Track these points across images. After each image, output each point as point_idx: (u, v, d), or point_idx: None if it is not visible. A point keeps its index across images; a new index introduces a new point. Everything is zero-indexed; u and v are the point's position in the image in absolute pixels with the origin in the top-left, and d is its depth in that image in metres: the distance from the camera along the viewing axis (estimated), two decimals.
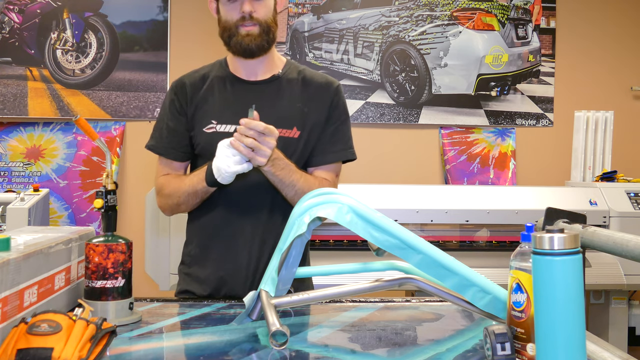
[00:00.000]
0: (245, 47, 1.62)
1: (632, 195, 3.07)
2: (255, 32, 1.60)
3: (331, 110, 1.69)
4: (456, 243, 3.06)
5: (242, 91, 1.67)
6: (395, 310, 1.45)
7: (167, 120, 1.69)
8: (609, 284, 2.94)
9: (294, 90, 1.68)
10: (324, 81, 1.71)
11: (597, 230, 1.30)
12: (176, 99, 1.68)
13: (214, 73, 1.71)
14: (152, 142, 1.72)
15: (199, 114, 1.66)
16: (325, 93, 1.69)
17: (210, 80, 1.69)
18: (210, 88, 1.68)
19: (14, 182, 3.84)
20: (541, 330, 0.88)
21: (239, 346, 1.14)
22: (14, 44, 3.86)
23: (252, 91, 1.67)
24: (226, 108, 1.65)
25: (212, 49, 4.26)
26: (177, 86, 1.70)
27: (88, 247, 1.26)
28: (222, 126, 1.63)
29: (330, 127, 1.69)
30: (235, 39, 1.62)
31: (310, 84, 1.70)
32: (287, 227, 1.33)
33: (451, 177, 4.02)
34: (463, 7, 4.06)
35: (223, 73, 1.70)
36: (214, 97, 1.67)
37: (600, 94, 4.16)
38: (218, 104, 1.66)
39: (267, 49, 1.65)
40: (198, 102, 1.66)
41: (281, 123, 1.60)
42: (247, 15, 1.59)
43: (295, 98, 1.67)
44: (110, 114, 3.90)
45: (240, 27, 1.61)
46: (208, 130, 1.64)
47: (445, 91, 4.04)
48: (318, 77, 1.73)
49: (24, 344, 0.96)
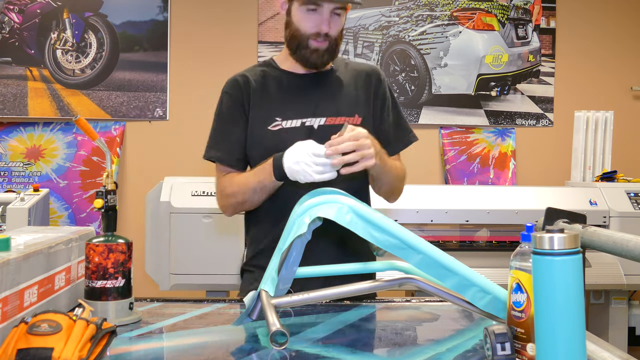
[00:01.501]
0: (312, 62, 1.62)
1: (632, 195, 3.07)
2: (323, 48, 1.60)
3: (384, 98, 1.72)
4: (456, 243, 3.06)
5: (302, 85, 1.67)
6: (395, 310, 1.45)
7: (231, 127, 1.65)
8: (609, 284, 2.94)
9: (347, 80, 1.70)
10: (369, 69, 1.74)
11: (597, 230, 1.29)
12: (236, 99, 1.66)
13: (266, 73, 1.70)
14: (218, 154, 1.67)
15: (260, 114, 1.64)
16: (376, 80, 1.72)
17: (264, 80, 1.68)
18: (266, 87, 1.67)
19: (14, 182, 3.84)
20: (541, 330, 0.88)
21: (239, 346, 1.14)
22: (14, 44, 3.86)
23: (311, 84, 1.67)
24: (289, 104, 1.64)
25: (213, 48, 4.28)
26: (233, 86, 1.68)
27: (88, 247, 1.26)
28: (287, 122, 1.62)
29: (390, 116, 1.72)
30: (304, 51, 1.61)
31: (359, 72, 1.72)
32: (287, 227, 1.33)
33: (451, 177, 4.02)
34: (463, 7, 4.06)
35: (277, 73, 1.70)
36: (273, 95, 1.66)
37: (600, 94, 4.15)
38: (279, 101, 1.65)
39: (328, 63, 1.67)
40: (256, 101, 1.65)
41: (342, 111, 1.63)
42: (323, 33, 1.58)
43: (350, 87, 1.69)
44: (110, 114, 3.90)
45: (311, 41, 1.60)
46: (274, 128, 1.62)
47: (445, 91, 4.04)
48: (363, 66, 1.77)
49: (24, 344, 0.96)
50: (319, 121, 1.63)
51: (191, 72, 3.93)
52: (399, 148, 1.75)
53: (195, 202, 2.81)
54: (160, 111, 3.92)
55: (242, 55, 3.91)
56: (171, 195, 2.81)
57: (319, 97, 1.65)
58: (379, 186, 1.65)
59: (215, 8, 3.96)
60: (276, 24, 3.97)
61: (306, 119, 1.63)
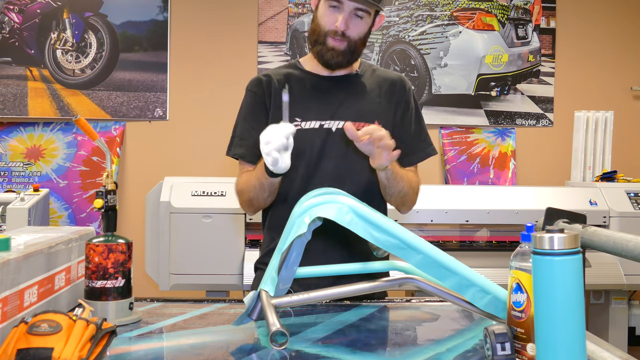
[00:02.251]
0: (325, 60, 1.62)
1: (632, 195, 3.07)
2: (340, 48, 1.59)
3: (408, 107, 1.71)
4: (456, 243, 3.06)
5: (324, 87, 1.67)
6: (395, 310, 1.45)
7: (254, 124, 1.64)
8: (609, 284, 2.94)
9: (371, 86, 1.70)
10: (396, 78, 1.74)
11: (597, 230, 1.29)
12: (258, 97, 1.66)
13: (290, 73, 1.70)
14: (241, 150, 1.66)
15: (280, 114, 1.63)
16: (400, 89, 1.71)
17: (287, 80, 1.67)
18: (289, 86, 1.66)
19: (14, 182, 3.84)
20: (541, 330, 0.88)
21: (239, 346, 1.14)
22: (14, 44, 3.86)
23: (333, 87, 1.67)
24: (309, 105, 1.64)
25: (213, 48, 4.28)
26: (256, 85, 1.68)
27: (88, 247, 1.26)
28: (306, 123, 1.62)
29: (412, 127, 1.71)
30: (320, 47, 1.61)
31: (385, 80, 1.72)
32: (287, 227, 1.33)
33: (451, 177, 4.02)
34: (463, 7, 4.06)
35: (300, 73, 1.70)
36: (295, 95, 1.64)
37: (600, 94, 4.16)
38: (300, 101, 1.64)
39: (347, 66, 1.66)
40: (278, 101, 1.64)
41: (363, 117, 1.62)
42: (340, 32, 1.58)
43: (374, 93, 1.68)
44: (110, 114, 3.90)
45: (329, 38, 1.59)
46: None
47: (445, 91, 4.04)
48: (390, 74, 1.76)
49: (24, 344, 0.96)
50: (337, 124, 1.63)
51: (191, 72, 3.93)
52: (417, 159, 1.73)
53: (195, 202, 2.81)
54: (160, 111, 3.92)
55: (242, 55, 3.91)
56: (171, 195, 2.81)
57: (340, 101, 1.65)
58: (390, 194, 1.63)
59: (215, 8, 3.96)
60: (276, 24, 3.97)
61: (325, 121, 1.63)
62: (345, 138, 1.48)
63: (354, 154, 1.56)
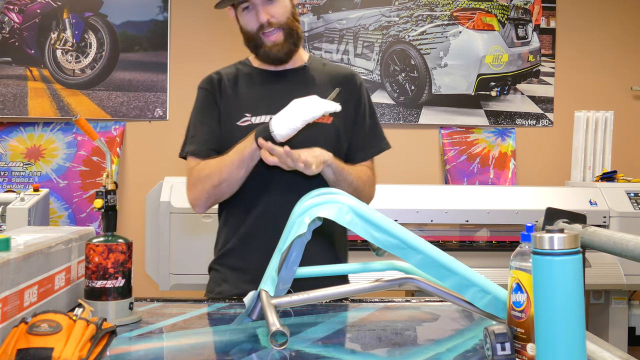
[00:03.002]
0: (274, 57, 1.63)
1: (632, 195, 3.07)
2: (280, 39, 1.60)
3: (361, 102, 1.71)
4: (456, 243, 3.06)
5: (273, 81, 1.68)
6: (395, 310, 1.45)
7: (206, 119, 1.66)
8: (609, 284, 2.94)
9: (321, 79, 1.70)
10: (348, 73, 1.74)
11: (597, 230, 1.29)
12: (210, 94, 1.67)
13: (239, 70, 1.71)
14: (193, 148, 1.65)
15: (231, 109, 1.64)
16: (352, 84, 1.71)
17: (237, 77, 1.69)
18: (237, 84, 1.68)
19: (14, 182, 3.84)
20: (541, 330, 0.88)
21: (239, 346, 1.14)
22: (14, 44, 3.86)
23: (283, 80, 1.68)
24: (259, 100, 1.64)
25: (212, 49, 4.28)
26: (208, 82, 1.70)
27: (88, 247, 1.26)
28: (257, 118, 1.62)
29: (366, 121, 1.72)
30: (262, 50, 1.62)
31: (336, 75, 1.72)
32: (287, 227, 1.33)
33: (451, 177, 4.02)
34: (463, 7, 4.06)
35: (249, 70, 1.71)
36: (244, 91, 1.66)
37: (600, 94, 4.16)
38: (250, 97, 1.65)
39: (296, 51, 1.66)
40: (229, 96, 1.65)
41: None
42: (266, 23, 1.58)
43: (324, 86, 1.67)
44: (110, 114, 3.90)
45: (263, 36, 1.60)
46: (243, 123, 1.62)
47: (445, 91, 4.04)
48: (342, 68, 1.77)
49: (24, 344, 0.96)
50: None
51: (191, 72, 3.92)
52: (371, 154, 1.74)
53: None
54: (160, 111, 3.92)
55: (242, 55, 3.89)
56: (171, 195, 2.81)
57: (290, 94, 1.62)
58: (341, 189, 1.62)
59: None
60: None
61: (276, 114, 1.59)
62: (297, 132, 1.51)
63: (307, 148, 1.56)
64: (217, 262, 1.70)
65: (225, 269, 1.67)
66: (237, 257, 1.65)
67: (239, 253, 1.64)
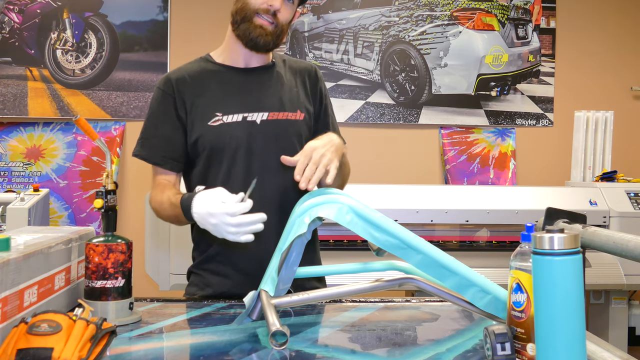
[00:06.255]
0: (252, 39, 1.57)
1: (632, 195, 3.07)
2: (269, 29, 1.57)
3: (320, 94, 1.72)
4: (456, 243, 3.06)
5: (242, 79, 1.63)
6: (395, 310, 1.45)
7: (160, 124, 1.60)
8: (609, 284, 2.94)
9: (287, 76, 1.69)
10: (309, 67, 1.74)
11: (597, 230, 1.29)
12: (170, 97, 1.59)
13: (203, 67, 1.65)
14: (145, 153, 1.62)
15: (199, 110, 1.58)
16: (311, 77, 1.72)
17: (202, 75, 1.63)
18: (204, 82, 1.61)
19: (14, 182, 3.84)
20: (541, 330, 0.88)
21: (239, 346, 1.14)
22: (14, 44, 3.86)
23: (252, 78, 1.64)
24: (229, 98, 1.60)
25: (212, 48, 4.26)
26: (166, 84, 1.61)
27: (88, 247, 1.26)
28: (228, 117, 1.58)
29: (328, 117, 1.73)
30: (247, 25, 1.56)
31: (297, 69, 1.72)
32: (287, 227, 1.33)
33: (451, 177, 4.02)
34: (463, 7, 4.06)
35: (213, 67, 1.65)
36: (212, 89, 1.60)
37: (600, 94, 4.16)
38: (219, 95, 1.60)
39: (270, 50, 1.64)
40: (195, 97, 1.59)
41: (286, 107, 1.62)
42: (272, 10, 1.56)
43: (291, 83, 1.68)
44: (110, 114, 3.90)
45: (257, 16, 1.56)
46: (215, 123, 1.57)
47: (445, 91, 4.04)
48: (301, 63, 1.76)
49: (24, 344, 0.96)
50: (261, 116, 1.59)
51: None
52: None
53: None
54: None
55: None
56: None
57: (261, 92, 1.61)
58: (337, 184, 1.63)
59: (215, 8, 3.96)
60: None
61: (248, 113, 1.58)
62: (270, 130, 1.51)
63: (281, 146, 1.56)
64: (199, 267, 1.65)
65: (207, 273, 1.62)
66: (220, 262, 1.61)
67: (221, 258, 1.60)
